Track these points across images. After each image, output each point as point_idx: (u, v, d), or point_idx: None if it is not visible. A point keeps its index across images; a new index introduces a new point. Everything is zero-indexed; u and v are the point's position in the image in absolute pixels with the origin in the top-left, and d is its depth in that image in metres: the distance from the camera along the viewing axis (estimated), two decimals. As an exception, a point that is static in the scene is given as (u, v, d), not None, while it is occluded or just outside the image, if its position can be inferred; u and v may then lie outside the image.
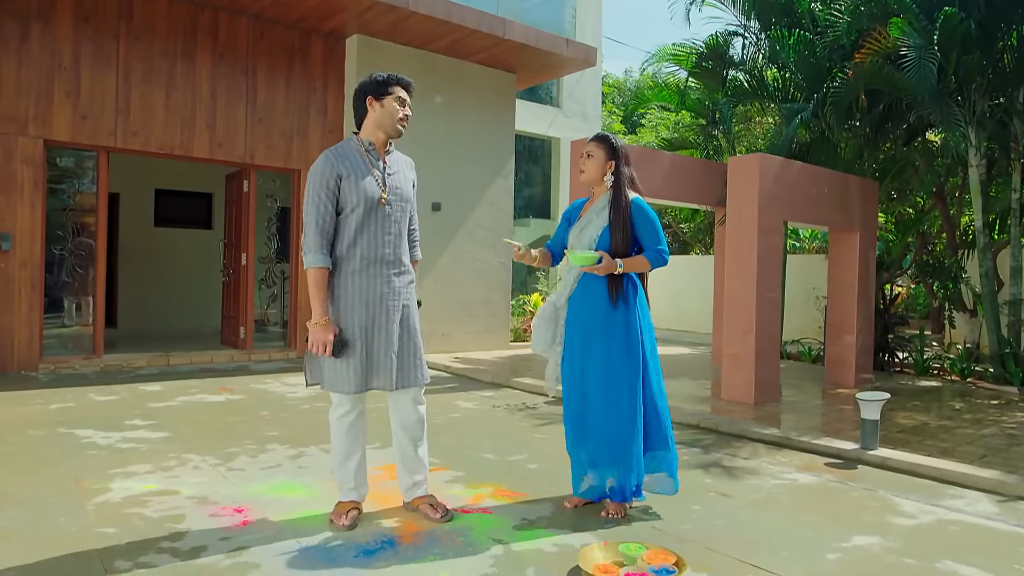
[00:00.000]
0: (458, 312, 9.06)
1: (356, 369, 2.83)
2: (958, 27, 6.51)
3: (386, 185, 2.90)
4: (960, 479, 3.79)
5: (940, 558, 2.77)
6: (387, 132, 2.93)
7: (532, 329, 3.26)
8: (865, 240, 7.18)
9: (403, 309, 2.94)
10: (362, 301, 2.85)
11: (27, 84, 6.62)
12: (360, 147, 2.92)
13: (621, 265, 3.04)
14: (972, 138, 7.27)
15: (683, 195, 7.55)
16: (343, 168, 2.84)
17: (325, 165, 2.84)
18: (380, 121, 2.91)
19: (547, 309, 3.23)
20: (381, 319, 2.87)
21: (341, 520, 2.88)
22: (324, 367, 2.88)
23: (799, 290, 10.90)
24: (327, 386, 2.89)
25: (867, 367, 7.28)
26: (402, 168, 3.03)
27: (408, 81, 2.99)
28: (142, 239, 10.39)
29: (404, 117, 2.93)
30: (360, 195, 2.83)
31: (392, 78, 2.94)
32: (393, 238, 2.93)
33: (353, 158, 2.88)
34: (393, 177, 2.95)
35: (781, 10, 8.39)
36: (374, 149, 2.93)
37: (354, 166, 2.86)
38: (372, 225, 2.86)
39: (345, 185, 2.83)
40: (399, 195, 2.95)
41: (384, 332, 2.87)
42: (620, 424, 3.03)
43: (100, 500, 3.16)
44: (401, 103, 2.92)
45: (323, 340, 2.76)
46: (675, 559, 2.53)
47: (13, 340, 6.59)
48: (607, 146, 3.18)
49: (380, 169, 2.92)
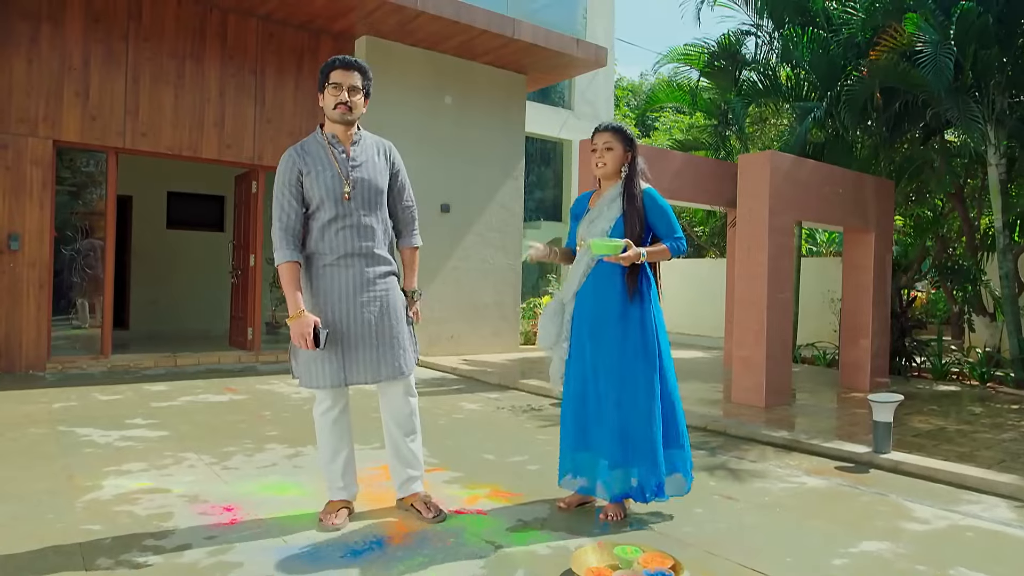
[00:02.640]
0: (468, 314, 8.99)
1: (330, 363, 2.76)
2: (975, 22, 6.35)
3: (349, 178, 2.81)
4: (977, 484, 3.65)
5: (953, 565, 2.64)
6: (334, 121, 2.83)
7: (538, 325, 3.16)
8: (881, 241, 7.02)
9: (380, 300, 2.84)
10: (335, 295, 2.79)
11: (37, 85, 6.66)
12: (324, 140, 2.84)
13: (645, 254, 2.92)
14: (991, 136, 7.09)
15: (694, 195, 7.42)
16: (304, 164, 2.79)
17: (287, 163, 2.80)
18: (327, 113, 2.84)
19: (553, 304, 3.14)
20: (356, 312, 2.79)
21: (331, 520, 2.81)
22: (299, 363, 2.82)
23: (814, 293, 10.71)
24: (303, 382, 2.83)
25: (883, 371, 7.10)
26: (371, 157, 2.88)
27: (348, 60, 2.81)
28: (154, 241, 10.44)
29: (342, 103, 2.77)
30: (322, 191, 2.77)
31: (327, 65, 2.82)
32: (363, 230, 2.82)
33: (315, 153, 2.82)
34: (359, 168, 2.83)
35: (795, 8, 8.26)
36: (337, 141, 2.84)
37: (315, 161, 2.80)
38: (340, 219, 2.79)
39: (307, 182, 2.78)
40: (365, 187, 2.83)
41: (359, 325, 2.79)
42: (639, 422, 2.93)
43: (90, 497, 3.11)
44: (336, 89, 2.77)
45: (301, 332, 2.68)
46: (672, 563, 2.43)
47: (21, 340, 6.60)
48: (625, 137, 3.08)
49: (343, 162, 2.82)
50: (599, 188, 3.18)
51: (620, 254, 2.85)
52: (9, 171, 6.55)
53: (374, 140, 2.97)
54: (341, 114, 2.79)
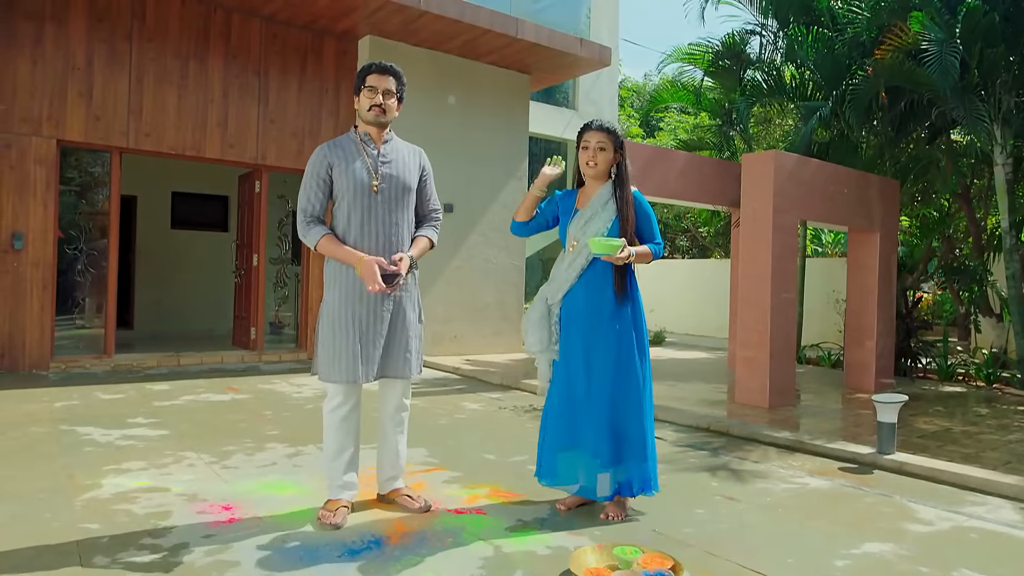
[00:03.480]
0: (470, 315, 8.98)
1: (350, 358, 2.80)
2: (982, 20, 6.31)
3: (378, 173, 2.89)
4: (982, 485, 3.61)
5: (957, 567, 2.61)
6: (368, 123, 2.93)
7: (524, 330, 3.14)
8: (886, 241, 6.98)
9: (399, 300, 2.92)
10: (356, 295, 2.84)
11: (41, 85, 6.67)
12: (356, 138, 2.95)
13: (634, 254, 2.95)
14: (997, 135, 7.04)
15: (697, 195, 7.40)
16: (335, 157, 2.89)
17: (319, 155, 2.92)
18: (359, 115, 2.95)
19: (539, 307, 3.12)
20: (376, 309, 2.85)
21: (329, 519, 2.80)
22: (322, 356, 2.86)
23: (819, 294, 10.66)
24: (322, 376, 2.86)
25: (888, 372, 7.06)
26: (401, 157, 2.99)
27: (384, 65, 2.93)
28: (159, 242, 10.46)
29: (376, 105, 2.89)
30: (349, 181, 2.85)
31: (363, 69, 2.95)
32: (388, 227, 2.89)
33: (347, 148, 2.93)
34: (388, 166, 2.93)
35: (800, 8, 8.23)
36: (369, 139, 2.95)
37: (347, 155, 2.90)
38: (364, 212, 2.86)
39: (336, 173, 2.88)
40: (393, 183, 2.91)
41: (378, 322, 2.86)
42: (631, 419, 2.97)
43: (89, 496, 3.10)
44: (372, 92, 2.89)
45: (371, 273, 2.71)
46: (672, 563, 2.41)
47: (25, 339, 6.61)
48: (616, 139, 3.10)
49: (373, 157, 2.91)
50: (583, 187, 3.18)
51: (618, 254, 2.87)
52: (13, 171, 6.57)
53: (405, 144, 3.07)
54: (375, 116, 2.89)
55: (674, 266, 15.21)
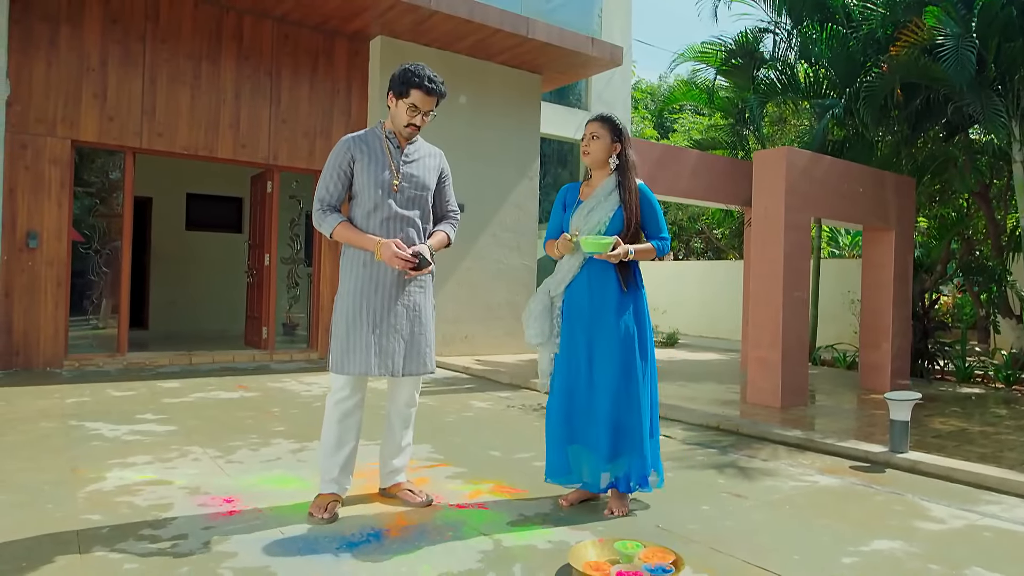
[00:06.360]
0: (482, 315, 8.95)
1: (363, 349, 2.80)
2: (999, 14, 6.21)
3: (400, 172, 2.89)
4: (997, 484, 3.52)
5: (969, 565, 2.54)
6: (398, 133, 2.94)
7: (526, 322, 3.11)
8: (901, 239, 6.87)
9: (415, 296, 2.91)
10: (373, 285, 2.83)
11: (56, 86, 6.75)
12: (382, 135, 2.95)
13: (632, 252, 2.92)
14: (1016, 132, 6.92)
15: (710, 194, 7.33)
16: (358, 152, 2.89)
17: (342, 147, 2.91)
18: (393, 118, 2.93)
19: (542, 298, 3.09)
20: (392, 304, 2.85)
21: (321, 513, 2.78)
22: (337, 347, 2.85)
23: (835, 295, 10.53)
24: (335, 367, 2.85)
25: (904, 372, 6.95)
26: (424, 157, 3.00)
27: (432, 86, 2.83)
28: (173, 242, 10.55)
29: (412, 126, 2.88)
30: (371, 178, 2.85)
31: (415, 80, 2.81)
32: (405, 224, 2.89)
33: (372, 144, 2.92)
34: (410, 166, 2.93)
35: (814, 5, 8.14)
36: (395, 138, 2.95)
37: (370, 151, 2.90)
38: (384, 210, 2.85)
39: (358, 168, 2.88)
40: (414, 183, 2.92)
41: (394, 317, 2.85)
42: (631, 413, 2.94)
43: (92, 488, 3.11)
44: (412, 112, 2.84)
45: (394, 253, 2.72)
46: (673, 558, 2.37)
47: (39, 337, 6.68)
48: (612, 127, 3.06)
49: (396, 156, 2.91)
50: (589, 179, 3.14)
51: (609, 252, 2.84)
52: (28, 171, 6.64)
53: (427, 145, 3.07)
54: (410, 133, 2.91)
55: (688, 268, 15.12)
